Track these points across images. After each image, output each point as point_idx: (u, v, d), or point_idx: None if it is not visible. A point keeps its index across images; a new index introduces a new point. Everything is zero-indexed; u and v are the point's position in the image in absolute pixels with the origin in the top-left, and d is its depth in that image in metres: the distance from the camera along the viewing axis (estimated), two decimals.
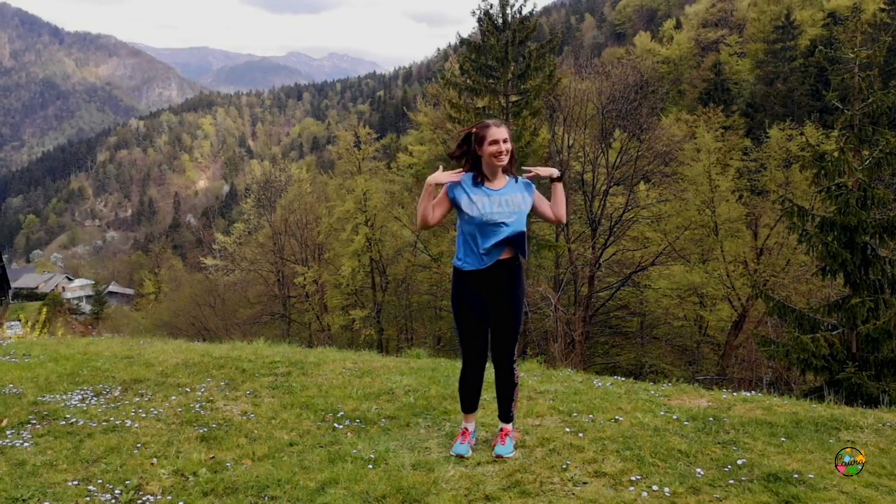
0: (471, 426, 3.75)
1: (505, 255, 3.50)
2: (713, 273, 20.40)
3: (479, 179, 3.51)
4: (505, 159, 3.45)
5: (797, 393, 11.80)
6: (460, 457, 3.56)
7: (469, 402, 3.73)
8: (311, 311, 29.80)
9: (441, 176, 3.47)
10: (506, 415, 3.73)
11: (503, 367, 3.67)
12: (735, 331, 20.30)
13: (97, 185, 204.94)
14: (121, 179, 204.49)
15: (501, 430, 3.72)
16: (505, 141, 3.43)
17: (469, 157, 3.55)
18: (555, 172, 3.60)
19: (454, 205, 3.52)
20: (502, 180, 3.53)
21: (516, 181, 3.57)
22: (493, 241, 3.43)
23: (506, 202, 3.46)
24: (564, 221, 3.75)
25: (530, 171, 3.61)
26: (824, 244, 10.68)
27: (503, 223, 3.43)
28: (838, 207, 10.65)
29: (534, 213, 3.66)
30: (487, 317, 3.58)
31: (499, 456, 3.55)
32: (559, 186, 3.64)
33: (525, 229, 3.51)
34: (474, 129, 3.52)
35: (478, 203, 3.44)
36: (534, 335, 18.79)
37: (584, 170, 22.12)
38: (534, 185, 3.62)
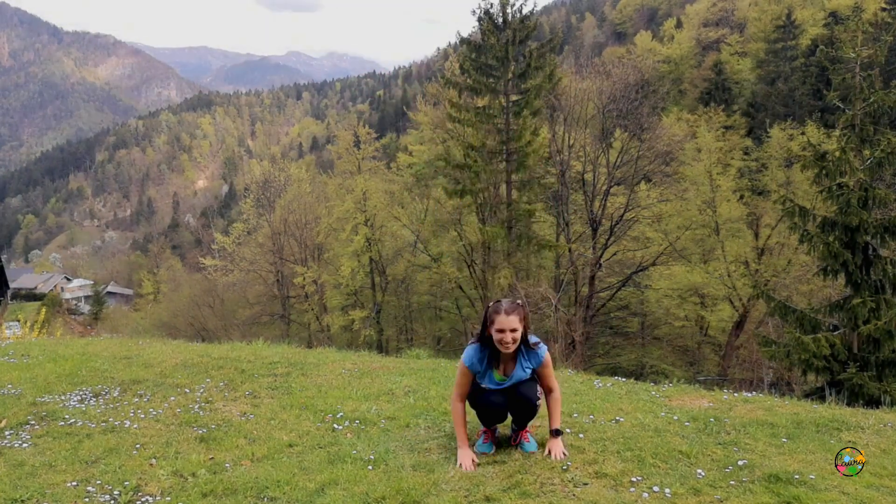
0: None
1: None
2: (714, 273, 20.38)
3: (491, 361, 3.58)
4: (511, 348, 3.50)
5: (798, 393, 11.82)
6: (484, 454, 3.59)
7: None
8: (310, 311, 29.77)
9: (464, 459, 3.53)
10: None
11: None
12: (736, 331, 20.30)
13: (96, 184, 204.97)
14: (120, 179, 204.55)
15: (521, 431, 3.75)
16: (513, 330, 3.46)
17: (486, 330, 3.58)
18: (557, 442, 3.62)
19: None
20: (511, 364, 3.59)
21: (526, 359, 3.59)
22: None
23: (511, 389, 3.58)
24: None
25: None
26: (825, 244, 10.67)
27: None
28: (839, 207, 10.64)
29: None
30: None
31: (529, 452, 3.58)
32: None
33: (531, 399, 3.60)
34: (488, 307, 3.57)
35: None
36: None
37: (585, 169, 22.11)
38: (543, 351, 3.60)
